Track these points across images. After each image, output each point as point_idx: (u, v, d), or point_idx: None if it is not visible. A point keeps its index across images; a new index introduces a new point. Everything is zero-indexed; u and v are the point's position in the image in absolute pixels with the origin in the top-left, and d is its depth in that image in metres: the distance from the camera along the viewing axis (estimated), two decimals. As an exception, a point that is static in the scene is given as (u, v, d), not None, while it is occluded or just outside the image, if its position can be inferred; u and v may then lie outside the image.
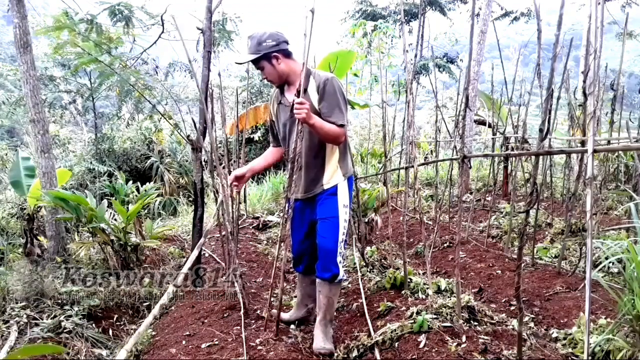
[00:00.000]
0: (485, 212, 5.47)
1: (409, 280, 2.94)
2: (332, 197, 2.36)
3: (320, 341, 2.35)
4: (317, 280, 2.43)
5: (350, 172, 2.48)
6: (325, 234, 2.35)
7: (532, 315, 2.65)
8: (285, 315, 2.72)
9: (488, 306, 2.71)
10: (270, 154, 2.64)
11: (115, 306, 3.13)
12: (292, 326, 2.66)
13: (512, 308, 2.76)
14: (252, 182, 7.81)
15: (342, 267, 2.39)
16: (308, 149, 2.36)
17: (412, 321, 2.31)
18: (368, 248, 3.99)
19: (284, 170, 7.86)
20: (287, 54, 2.33)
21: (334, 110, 2.24)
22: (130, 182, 6.35)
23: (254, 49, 2.28)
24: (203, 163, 3.41)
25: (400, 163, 7.61)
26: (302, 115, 2.13)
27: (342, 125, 2.24)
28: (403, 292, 2.87)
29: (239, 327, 2.50)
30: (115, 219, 3.85)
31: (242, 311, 2.68)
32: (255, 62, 2.32)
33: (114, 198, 4.94)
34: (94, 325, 2.82)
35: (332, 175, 2.37)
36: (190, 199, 7.35)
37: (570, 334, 2.26)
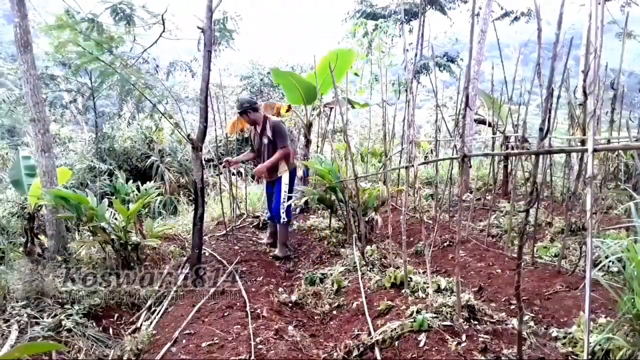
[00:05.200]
0: (485, 211, 5.47)
1: (409, 279, 2.95)
2: (279, 180, 4.46)
3: (277, 251, 4.47)
4: (277, 224, 4.49)
5: (291, 167, 4.49)
6: (275, 200, 4.47)
7: (532, 314, 2.66)
8: (263, 239, 4.90)
9: (488, 305, 2.72)
10: (248, 153, 4.81)
11: (116, 305, 3.13)
12: (290, 327, 2.68)
13: (512, 307, 2.76)
14: (252, 182, 7.81)
15: (284, 215, 4.39)
16: (269, 157, 4.37)
17: (412, 320, 2.32)
18: (368, 247, 3.99)
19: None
20: (255, 109, 4.33)
21: (280, 140, 4.32)
22: (131, 181, 6.34)
23: (238, 107, 4.39)
24: (203, 162, 3.41)
25: (400, 162, 7.61)
26: (261, 175, 4.60)
27: (283, 147, 4.31)
28: (403, 291, 2.88)
29: (239, 326, 2.51)
30: (116, 218, 3.85)
31: (242, 310, 2.69)
32: (240, 114, 4.39)
33: (114, 197, 4.93)
34: (94, 324, 2.82)
35: (280, 170, 4.43)
36: (190, 198, 7.34)
37: (570, 333, 2.26)
